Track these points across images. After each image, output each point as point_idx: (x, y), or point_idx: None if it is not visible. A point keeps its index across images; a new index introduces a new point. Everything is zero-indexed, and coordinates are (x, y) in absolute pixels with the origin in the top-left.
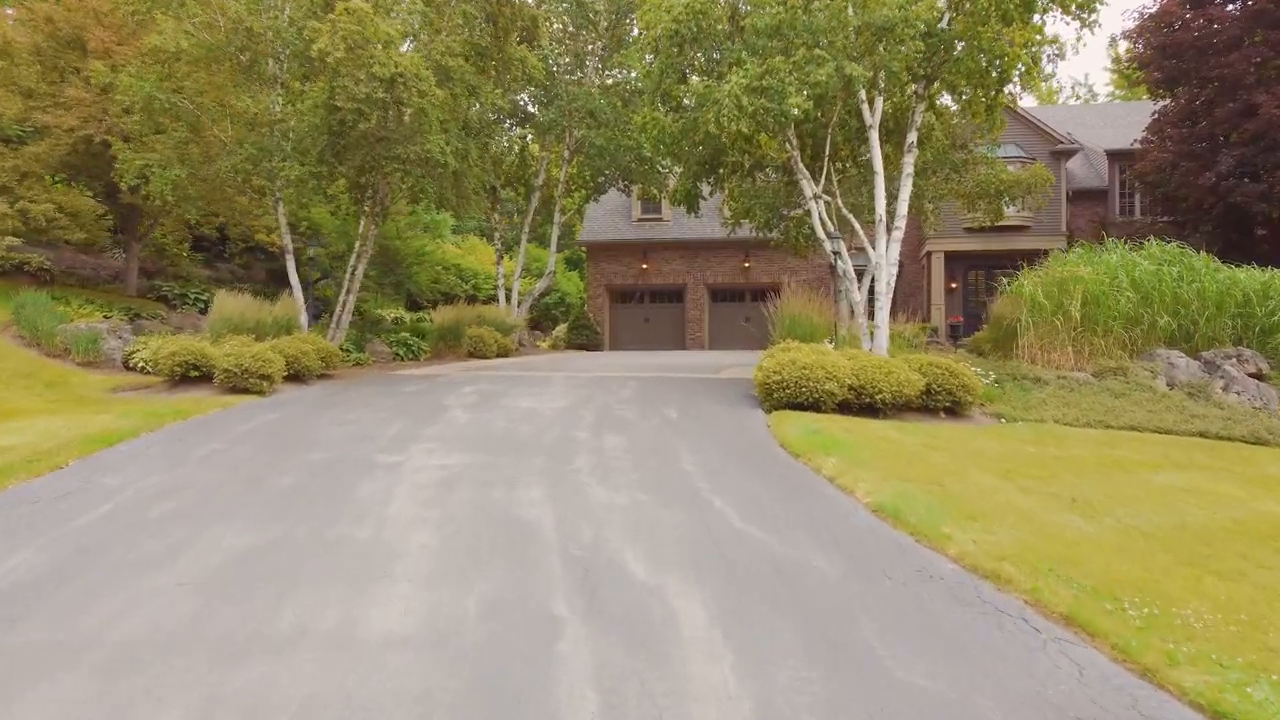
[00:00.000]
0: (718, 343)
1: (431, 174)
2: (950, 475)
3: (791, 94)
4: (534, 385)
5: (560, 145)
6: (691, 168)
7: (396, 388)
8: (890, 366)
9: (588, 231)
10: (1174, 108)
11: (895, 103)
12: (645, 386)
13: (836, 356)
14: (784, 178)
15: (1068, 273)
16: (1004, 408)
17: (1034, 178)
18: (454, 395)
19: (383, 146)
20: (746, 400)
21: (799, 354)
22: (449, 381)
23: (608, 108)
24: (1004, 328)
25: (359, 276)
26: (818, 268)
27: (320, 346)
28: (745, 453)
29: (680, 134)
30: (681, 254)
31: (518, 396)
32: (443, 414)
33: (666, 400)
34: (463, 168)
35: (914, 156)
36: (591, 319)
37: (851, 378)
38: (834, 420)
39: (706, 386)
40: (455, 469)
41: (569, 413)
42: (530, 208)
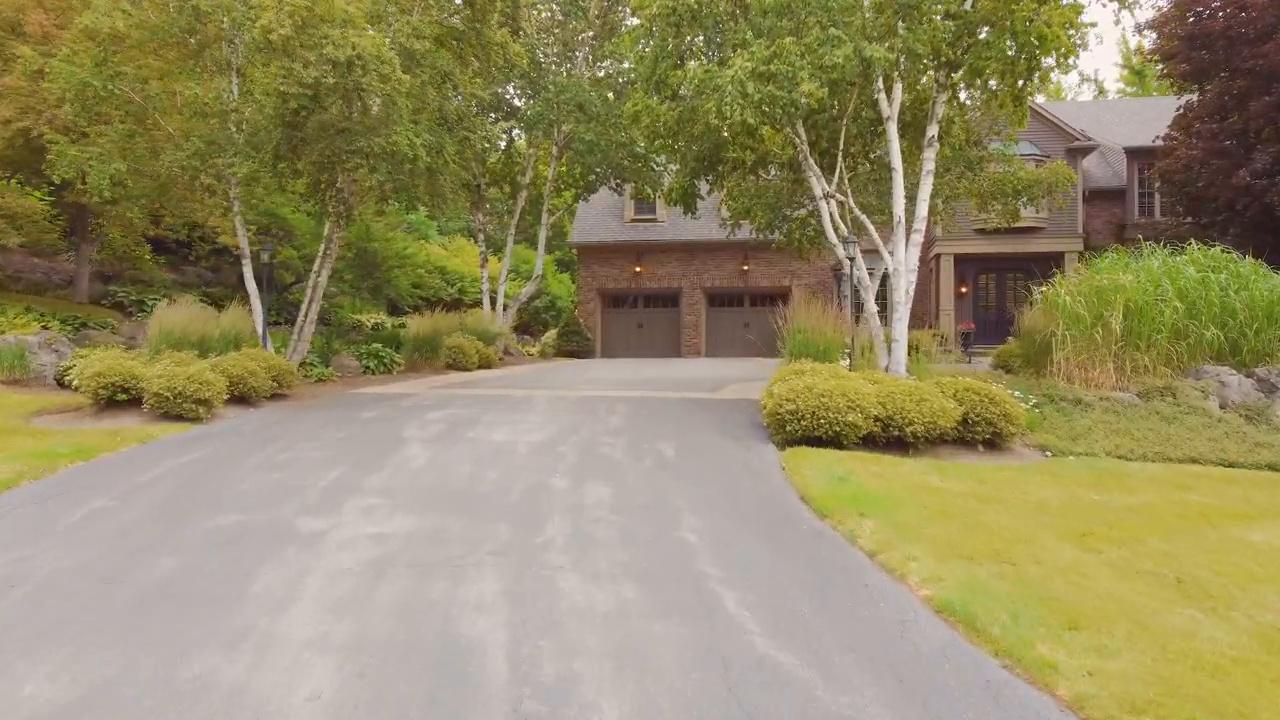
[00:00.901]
0: (715, 350)
1: (400, 170)
2: (1019, 546)
3: (804, 80)
4: (512, 409)
5: (548, 141)
6: (688, 164)
7: (354, 413)
8: (922, 393)
9: (578, 232)
10: (1202, 102)
11: (914, 93)
12: (637, 411)
13: (858, 381)
14: (789, 175)
15: (1106, 281)
16: (1048, 438)
17: (1055, 176)
18: (417, 423)
19: (343, 139)
20: (753, 430)
21: (815, 378)
22: (416, 404)
23: (598, 101)
24: (1037, 342)
25: (323, 284)
26: (820, 271)
27: (272, 364)
28: (759, 511)
29: (677, 125)
30: (677, 256)
31: (491, 425)
32: (397, 451)
33: (661, 430)
34: (437, 163)
35: (934, 152)
36: (582, 325)
37: (877, 407)
38: (860, 460)
39: (706, 411)
40: (392, 543)
41: (547, 449)
42: (517, 207)
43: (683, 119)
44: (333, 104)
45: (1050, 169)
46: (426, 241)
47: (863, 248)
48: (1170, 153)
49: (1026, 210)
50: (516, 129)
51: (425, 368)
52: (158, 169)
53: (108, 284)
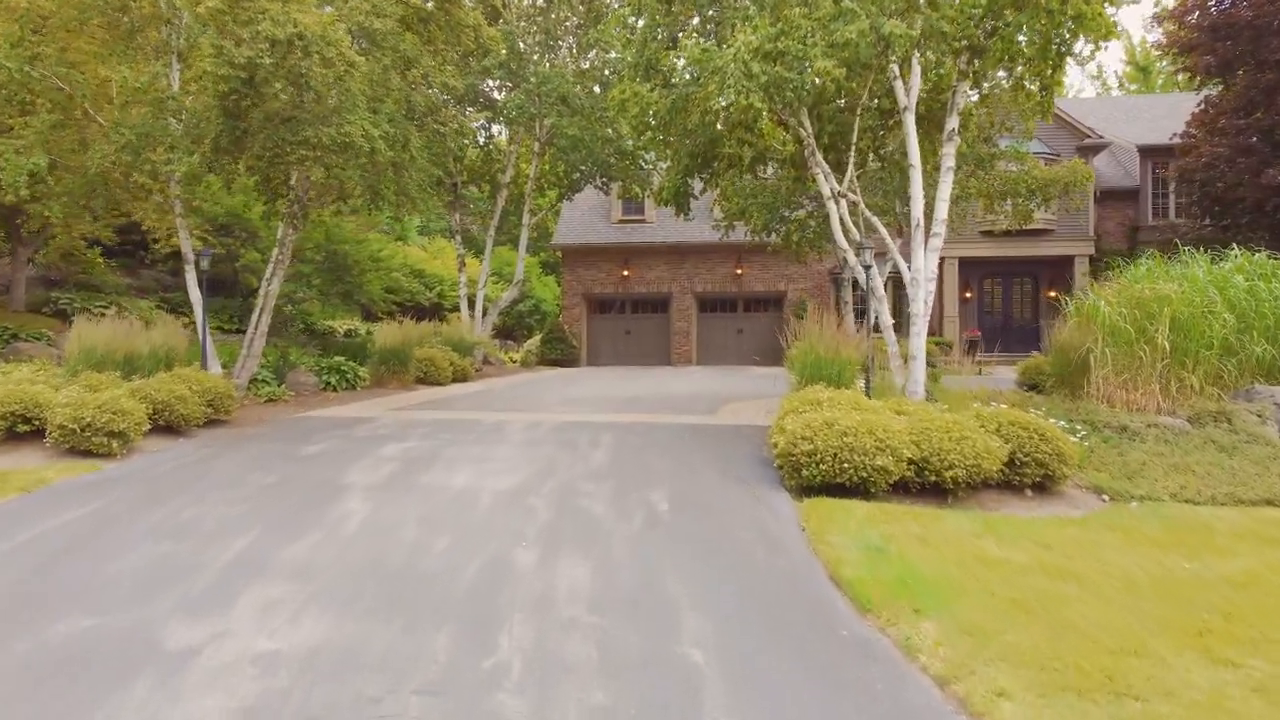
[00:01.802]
0: (707, 357)
1: (354, 164)
2: (1131, 661)
3: (817, 58)
4: (480, 440)
5: (530, 137)
6: (681, 161)
7: (296, 446)
8: (961, 429)
9: (562, 234)
10: (1227, 96)
11: (930, 82)
12: (624, 442)
13: (885, 414)
14: (790, 173)
15: (1148, 291)
16: (1100, 477)
17: (1072, 175)
18: (366, 462)
19: (288, 129)
20: (761, 470)
21: (835, 412)
22: (371, 433)
23: (583, 94)
24: (1072, 359)
25: (274, 292)
26: (817, 274)
27: (208, 386)
28: (782, 604)
29: (669, 115)
30: (667, 259)
31: (452, 464)
32: (333, 505)
33: (652, 470)
34: (401, 158)
35: (954, 147)
36: (567, 331)
37: (911, 447)
38: (894, 516)
39: (704, 442)
40: (285, 673)
41: (515, 500)
42: (497, 207)
43: (676, 108)
44: (275, 89)
45: (1068, 167)
46: (405, 243)
47: None
48: (1189, 151)
49: (1038, 211)
50: (496, 124)
51: (393, 382)
52: (86, 164)
53: (51, 290)
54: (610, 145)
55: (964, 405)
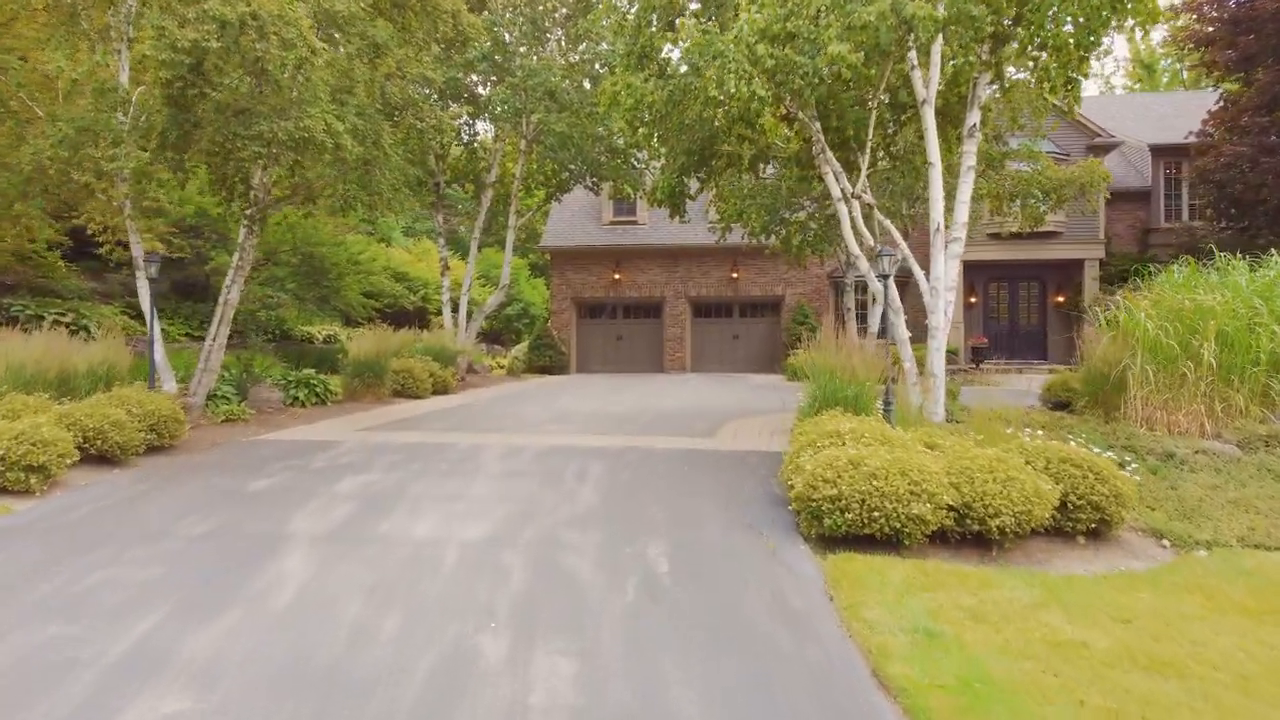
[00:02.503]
0: (702, 364)
1: (319, 161)
2: None
3: (831, 40)
4: (451, 472)
5: (516, 134)
6: (677, 159)
7: (241, 481)
8: (1006, 468)
9: (551, 235)
10: (1247, 93)
11: (949, 73)
12: (615, 474)
13: (916, 450)
14: (794, 172)
15: (1188, 302)
16: (1157, 517)
17: (1089, 175)
18: (318, 502)
19: (240, 122)
20: (774, 513)
21: (862, 449)
22: (331, 462)
23: (572, 88)
24: (1107, 376)
25: (234, 302)
26: (816, 278)
27: (151, 408)
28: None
29: (665, 108)
30: (660, 262)
31: (417, 504)
32: (266, 566)
33: (649, 517)
34: (373, 155)
35: (975, 144)
36: (555, 337)
37: (950, 490)
38: (938, 580)
39: (706, 474)
40: None
41: (486, 559)
42: (482, 208)
43: (673, 100)
44: (230, 80)
45: (1084, 167)
46: (389, 245)
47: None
48: (1206, 150)
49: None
50: (481, 120)
51: (367, 396)
52: (18, 161)
53: (3, 296)
54: (601, 143)
55: (992, 430)
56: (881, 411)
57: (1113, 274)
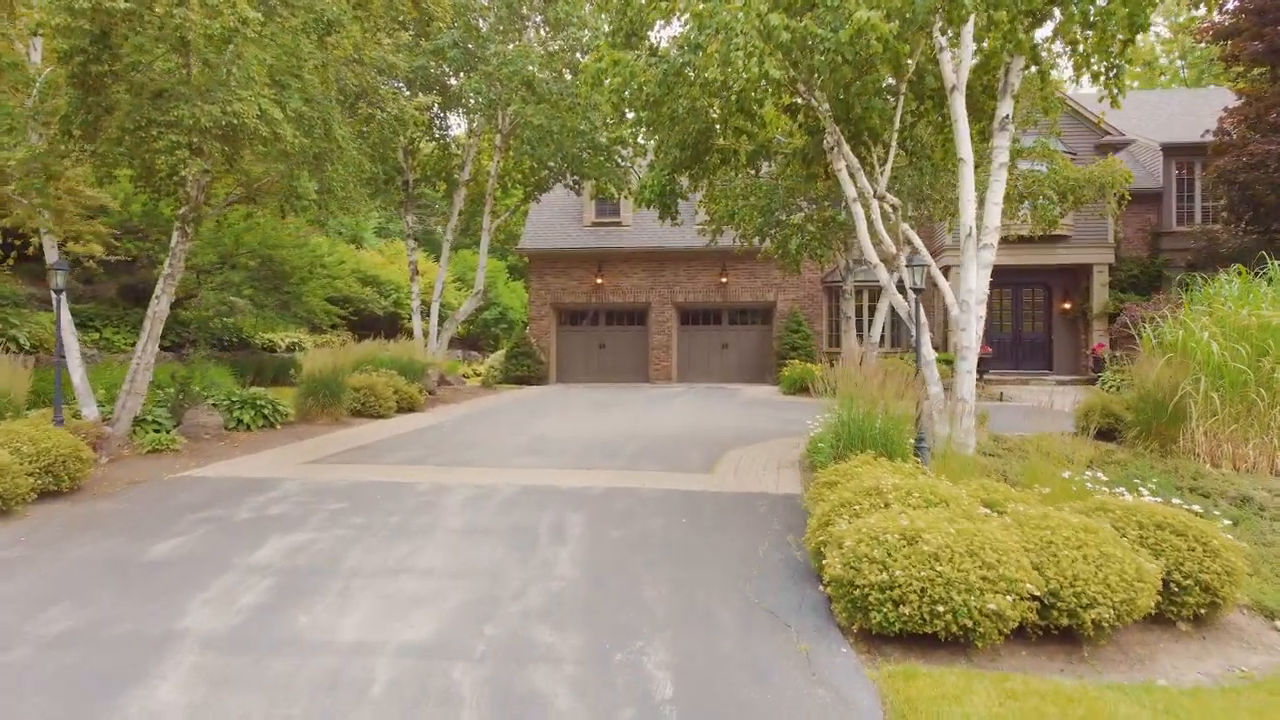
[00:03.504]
0: (689, 374)
1: (256, 152)
2: None
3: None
4: (404, 526)
5: (491, 128)
6: (669, 153)
7: (142, 543)
8: (1097, 540)
9: (530, 237)
10: (1274, 89)
11: (984, 54)
12: (601, 535)
13: (984, 518)
14: (797, 170)
15: (1254, 319)
16: (1267, 592)
17: (1108, 175)
18: (228, 578)
19: (156, 106)
20: (799, 593)
21: (915, 515)
22: (260, 512)
23: (551, 79)
24: (1163, 404)
25: (162, 313)
26: (809, 283)
27: (47, 446)
28: None
29: (659, 90)
30: (644, 266)
31: (350, 583)
32: (131, 694)
33: (645, 605)
34: (323, 148)
35: (1008, 138)
36: (534, 345)
37: (1031, 574)
38: (1032, 708)
39: (710, 533)
40: None
41: (428, 680)
42: (454, 208)
43: (666, 83)
44: (145, 53)
45: (1102, 166)
46: (359, 246)
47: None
48: (1225, 150)
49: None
50: (453, 113)
51: (323, 417)
52: None
53: None
54: (582, 138)
55: (1041, 470)
56: (914, 447)
57: (1123, 280)
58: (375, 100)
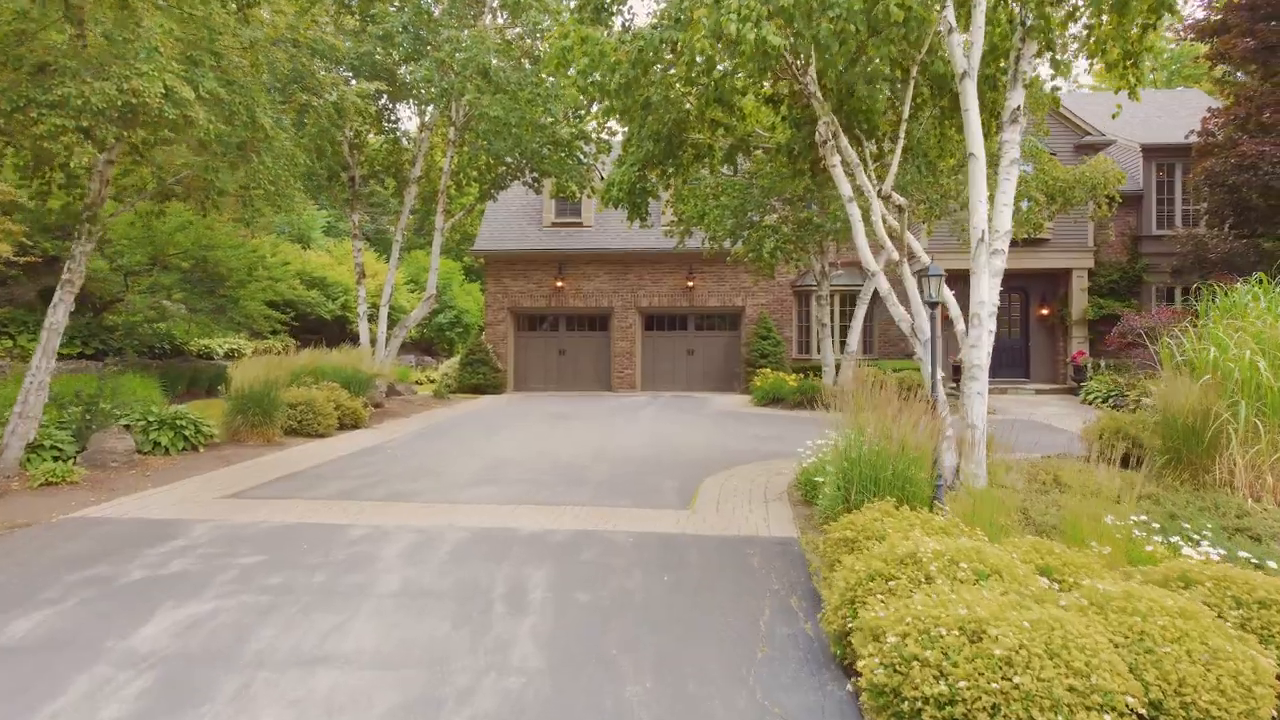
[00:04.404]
0: (654, 382)
1: (160, 139)
2: None
3: None
4: (330, 588)
5: (444, 121)
6: (641, 146)
7: (4, 612)
8: (1200, 629)
9: (486, 238)
10: (1264, 88)
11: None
12: (568, 598)
13: (1067, 614)
14: (779, 166)
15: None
16: None
17: (1102, 176)
18: (87, 681)
19: (37, 83)
20: (818, 687)
21: (968, 596)
22: (156, 569)
23: (510, 68)
24: (1195, 430)
25: (58, 326)
26: (778, 288)
27: None
28: None
29: (633, 71)
30: (607, 269)
31: (247, 688)
32: None
33: (622, 702)
34: (248, 137)
35: (1019, 132)
36: (490, 351)
37: (1127, 681)
38: None
39: (697, 590)
40: None
41: None
42: (405, 207)
43: (641, 62)
44: (21, 18)
45: (1094, 166)
46: (306, 247)
47: (841, 261)
48: (1211, 150)
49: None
50: (404, 104)
51: (254, 437)
52: None
53: None
54: (542, 133)
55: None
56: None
57: (1102, 285)
58: (312, 86)
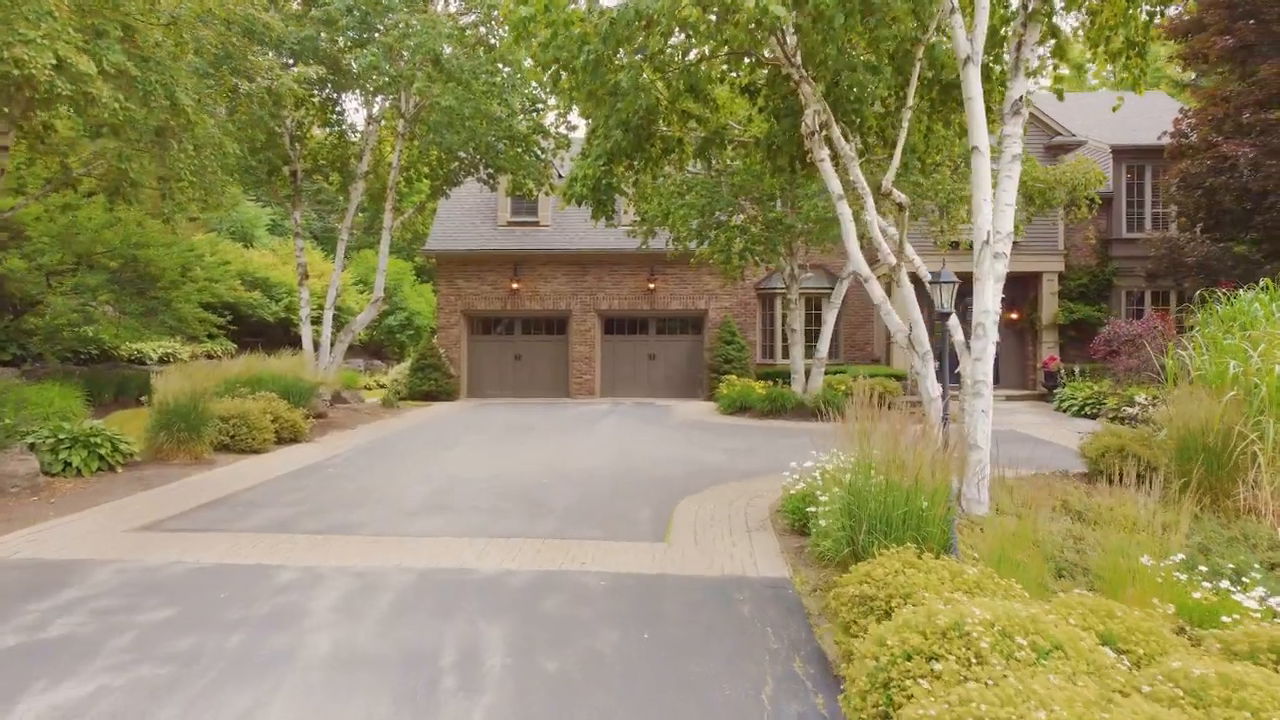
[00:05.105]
0: (614, 388)
1: (61, 120)
2: None
3: None
4: (247, 654)
5: (394, 112)
6: (610, 135)
7: None
8: None
9: (438, 237)
10: (1242, 87)
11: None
12: (532, 666)
13: (1134, 692)
14: (755, 163)
15: None
16: None
17: (1082, 176)
18: None
19: None
20: None
21: (1031, 682)
22: (34, 633)
23: (463, 56)
24: (1217, 451)
25: None
26: (742, 291)
27: None
28: None
29: (603, 48)
30: (565, 270)
31: None
32: None
33: None
34: (166, 121)
35: (1021, 125)
36: (443, 356)
37: None
38: None
39: (683, 652)
40: None
41: None
42: (352, 203)
43: (614, 36)
44: None
45: (1075, 166)
46: (249, 245)
47: (809, 263)
48: (1184, 152)
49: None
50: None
51: (180, 454)
52: None
53: None
54: (497, 126)
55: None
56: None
57: (1072, 289)
58: (244, 69)
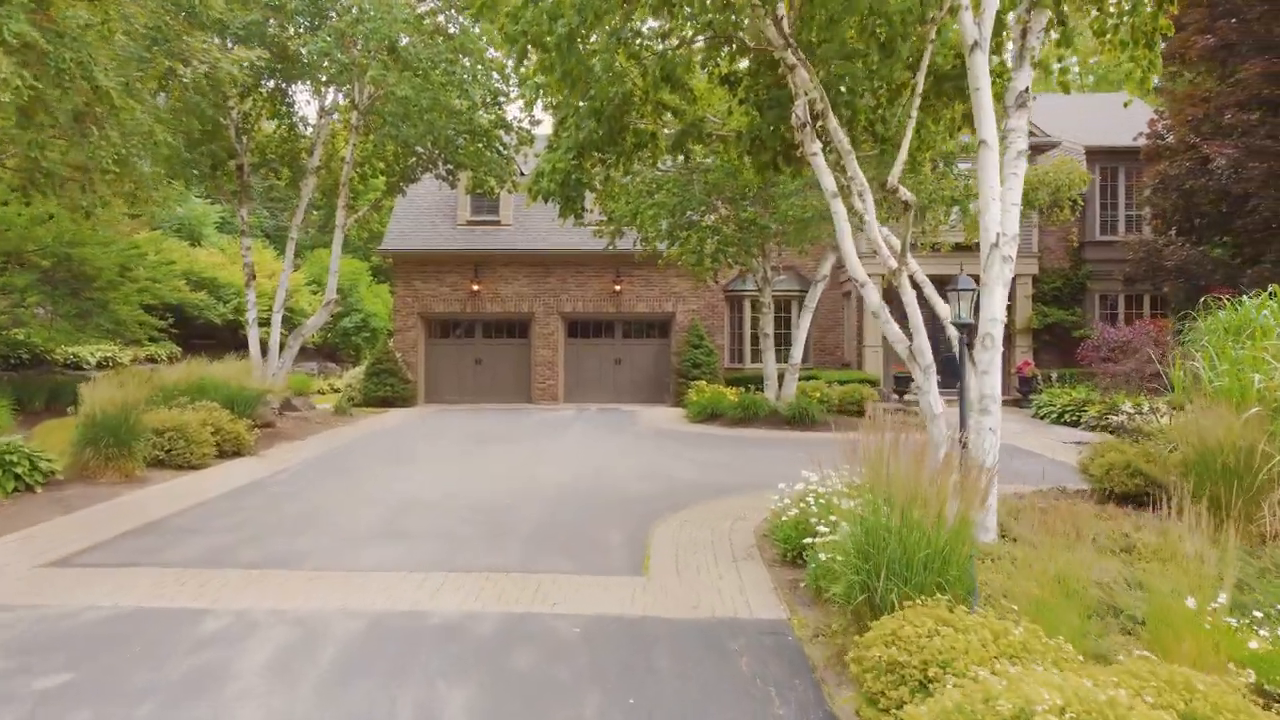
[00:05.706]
0: (578, 393)
1: None
2: None
3: None
4: None
5: (347, 104)
6: (582, 125)
7: None
8: None
9: (395, 236)
10: (1222, 87)
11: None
12: None
13: None
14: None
15: None
16: None
17: (1066, 176)
18: None
19: None
20: None
21: None
22: None
23: (421, 44)
24: (1237, 471)
25: None
26: (710, 293)
27: None
28: None
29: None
30: (528, 271)
31: None
32: None
33: None
34: (88, 106)
35: (1026, 118)
36: (399, 360)
37: None
38: None
39: (668, 712)
40: None
41: None
42: (302, 201)
43: (590, 7)
44: None
45: (1059, 167)
46: (196, 244)
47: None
48: (1160, 154)
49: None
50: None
51: (108, 471)
52: None
53: None
54: (457, 119)
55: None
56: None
57: (1045, 293)
58: (178, 51)
